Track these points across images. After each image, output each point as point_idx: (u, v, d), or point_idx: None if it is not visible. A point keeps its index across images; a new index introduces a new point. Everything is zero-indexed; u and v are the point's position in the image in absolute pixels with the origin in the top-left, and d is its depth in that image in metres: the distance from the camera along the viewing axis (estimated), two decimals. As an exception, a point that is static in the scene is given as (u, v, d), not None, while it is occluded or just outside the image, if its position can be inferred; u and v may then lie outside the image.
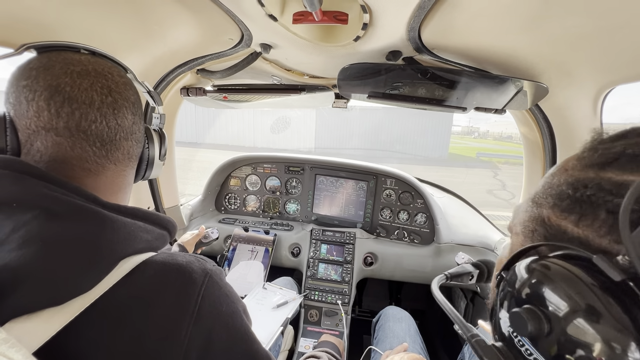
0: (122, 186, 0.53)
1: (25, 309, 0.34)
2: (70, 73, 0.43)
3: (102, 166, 0.47)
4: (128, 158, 0.52)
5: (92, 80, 0.45)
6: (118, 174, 0.51)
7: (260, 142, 17.01)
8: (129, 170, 0.54)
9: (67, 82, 0.43)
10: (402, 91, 0.95)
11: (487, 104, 0.97)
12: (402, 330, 1.17)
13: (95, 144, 0.45)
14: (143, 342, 0.39)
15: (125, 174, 0.53)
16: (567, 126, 0.96)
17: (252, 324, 0.54)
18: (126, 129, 0.49)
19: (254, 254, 1.58)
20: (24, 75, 0.43)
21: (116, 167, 0.50)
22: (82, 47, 0.48)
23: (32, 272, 0.35)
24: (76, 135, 0.44)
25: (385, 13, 0.63)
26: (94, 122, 0.44)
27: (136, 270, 0.42)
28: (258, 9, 0.64)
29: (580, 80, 0.79)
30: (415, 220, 1.67)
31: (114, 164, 0.49)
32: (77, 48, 0.48)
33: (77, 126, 0.43)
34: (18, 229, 0.36)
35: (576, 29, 0.60)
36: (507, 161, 17.28)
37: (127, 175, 0.54)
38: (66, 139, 0.43)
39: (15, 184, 0.38)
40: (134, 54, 0.90)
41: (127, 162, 0.52)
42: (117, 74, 0.49)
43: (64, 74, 0.43)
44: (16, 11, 0.63)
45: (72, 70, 0.44)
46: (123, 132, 0.49)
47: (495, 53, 0.76)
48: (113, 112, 0.47)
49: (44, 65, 0.43)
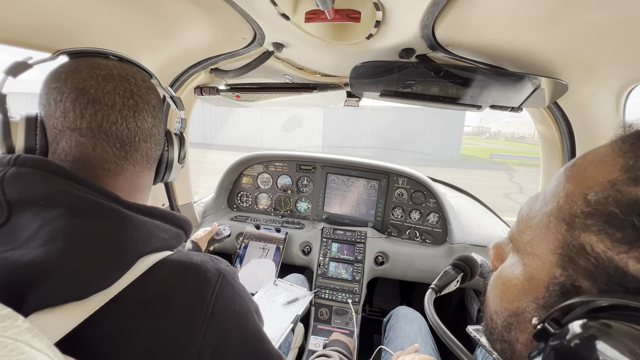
0: (140, 187, 0.54)
1: (48, 302, 0.35)
2: (95, 77, 0.46)
3: (121, 167, 0.49)
4: (147, 160, 0.53)
5: (115, 84, 0.47)
6: (137, 174, 0.52)
7: (267, 143, 17.06)
8: (147, 172, 0.55)
9: (92, 84, 0.45)
10: (415, 89, 0.94)
11: (503, 102, 0.94)
12: (413, 331, 1.16)
13: (115, 144, 0.47)
14: (159, 338, 0.40)
15: (143, 175, 0.54)
16: (588, 125, 0.92)
17: (264, 324, 0.55)
18: (145, 131, 0.51)
19: (265, 252, 1.60)
20: (54, 78, 0.45)
21: (135, 168, 0.51)
22: (110, 53, 0.50)
23: (57, 268, 0.36)
24: (98, 135, 0.46)
25: (399, 10, 0.62)
26: (114, 124, 0.46)
27: (154, 268, 0.43)
28: (271, 8, 0.64)
29: (602, 77, 0.76)
30: (427, 219, 1.65)
31: (132, 165, 0.50)
32: (106, 54, 0.50)
33: (99, 127, 0.45)
34: (45, 225, 0.38)
35: (597, 24, 0.58)
36: (522, 162, 16.74)
37: (146, 177, 0.55)
38: (89, 139, 0.45)
39: (42, 183, 0.40)
40: (150, 54, 0.92)
41: (146, 164, 0.53)
42: (141, 78, 0.51)
43: (89, 77, 0.45)
44: (38, 13, 0.65)
45: (97, 74, 0.46)
46: (142, 134, 0.50)
47: (512, 49, 0.74)
48: (133, 114, 0.48)
49: (73, 69, 0.46)
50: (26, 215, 0.39)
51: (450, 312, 1.92)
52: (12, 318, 0.29)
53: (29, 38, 0.70)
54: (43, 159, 0.42)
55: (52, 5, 0.64)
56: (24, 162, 0.41)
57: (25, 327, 0.29)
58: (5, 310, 0.29)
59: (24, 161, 0.41)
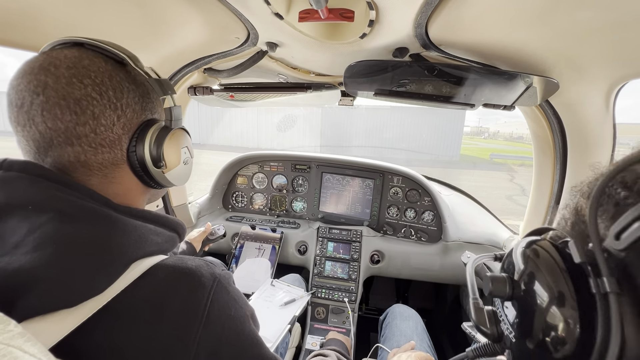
0: (135, 192, 0.52)
1: (38, 310, 0.35)
2: (23, 73, 0.42)
3: (113, 172, 0.47)
4: (84, 166, 0.46)
5: (29, 79, 0.41)
6: (130, 178, 0.50)
7: (264, 143, 16.93)
8: (109, 180, 0.48)
9: (13, 84, 0.42)
10: (409, 88, 0.94)
11: (495, 100, 0.95)
12: (409, 328, 1.17)
13: (32, 149, 0.43)
14: (153, 344, 0.39)
15: (137, 179, 0.51)
16: (579, 122, 0.94)
17: (259, 328, 0.55)
18: (61, 133, 0.43)
19: (261, 252, 1.59)
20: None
21: (130, 174, 0.49)
22: (84, 42, 0.45)
23: (46, 275, 0.35)
24: (20, 140, 0.43)
25: (392, 10, 0.63)
26: (24, 126, 0.42)
27: (147, 273, 0.42)
28: (264, 7, 0.64)
29: (592, 75, 0.77)
30: (422, 218, 1.66)
31: (67, 174, 0.44)
32: (81, 42, 0.45)
33: (16, 130, 0.43)
34: (33, 231, 0.37)
35: (586, 23, 0.59)
36: (523, 163, 16.63)
37: (112, 185, 0.49)
38: (20, 144, 0.43)
39: (31, 187, 0.39)
40: (143, 53, 0.91)
41: (94, 171, 0.47)
42: (66, 66, 0.43)
43: (19, 75, 0.42)
44: (29, 12, 0.64)
45: (25, 69, 0.42)
46: (60, 136, 0.43)
47: (504, 48, 0.75)
48: (41, 113, 0.41)
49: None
50: (13, 221, 0.38)
51: (445, 309, 1.93)
52: (4, 323, 0.28)
53: (18, 37, 0.69)
54: (30, 162, 0.41)
55: (42, 4, 0.64)
56: (10, 165, 0.40)
57: (17, 332, 0.28)
58: None
59: (11, 165, 0.40)
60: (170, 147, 0.51)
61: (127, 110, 0.46)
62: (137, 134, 0.48)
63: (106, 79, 0.44)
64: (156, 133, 0.49)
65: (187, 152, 0.57)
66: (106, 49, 0.46)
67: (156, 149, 0.48)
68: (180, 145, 0.54)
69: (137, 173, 0.49)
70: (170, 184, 0.54)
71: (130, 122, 0.47)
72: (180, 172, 0.55)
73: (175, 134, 0.53)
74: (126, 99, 0.46)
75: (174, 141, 0.52)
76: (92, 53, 0.45)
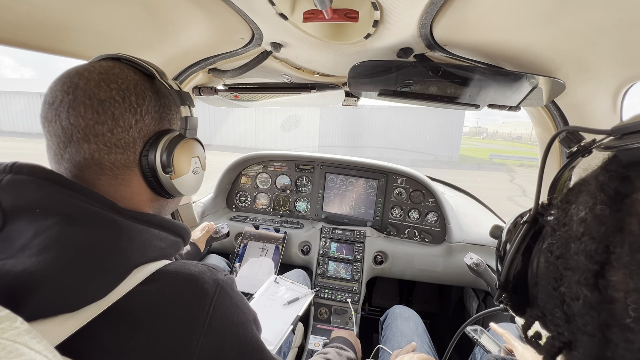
0: (143, 197, 0.51)
1: (39, 314, 0.35)
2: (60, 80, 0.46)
3: (123, 173, 0.48)
4: (96, 164, 0.46)
5: (64, 80, 0.45)
6: (139, 183, 0.50)
7: (262, 143, 16.86)
8: (119, 180, 0.48)
9: (51, 86, 0.45)
10: (413, 89, 0.94)
11: (501, 101, 0.95)
12: (409, 329, 1.17)
13: (54, 144, 0.45)
14: (155, 350, 0.40)
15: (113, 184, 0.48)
16: (585, 123, 0.93)
17: (262, 331, 0.55)
18: (81, 129, 0.44)
19: (264, 252, 1.59)
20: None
21: (82, 174, 0.46)
22: (121, 57, 0.50)
23: (48, 279, 0.35)
24: (48, 137, 0.45)
25: (397, 10, 0.62)
26: (51, 122, 0.44)
27: (150, 279, 0.43)
28: (269, 8, 0.64)
29: (599, 76, 0.76)
30: (426, 219, 1.65)
31: (79, 170, 0.45)
32: (118, 58, 0.49)
33: (43, 125, 0.45)
34: (39, 234, 0.37)
35: (594, 23, 0.58)
36: (522, 163, 16.47)
37: (121, 186, 0.49)
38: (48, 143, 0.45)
39: (38, 191, 0.40)
40: (148, 54, 0.91)
41: (105, 170, 0.47)
42: (98, 72, 0.47)
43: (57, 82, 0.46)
44: (34, 13, 0.65)
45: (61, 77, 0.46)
46: (79, 133, 0.44)
47: (510, 49, 0.74)
48: (67, 110, 0.44)
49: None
50: (21, 224, 0.38)
51: (449, 310, 1.92)
52: (11, 319, 0.29)
53: (25, 38, 0.70)
54: (40, 166, 0.42)
55: (49, 5, 0.64)
56: (20, 169, 0.41)
57: (24, 329, 0.29)
58: (4, 312, 0.29)
59: (20, 168, 0.41)
60: (180, 154, 0.51)
61: (146, 116, 0.48)
62: (152, 140, 0.49)
63: (131, 86, 0.46)
64: (169, 140, 0.50)
65: (197, 162, 0.57)
66: (138, 63, 0.49)
67: (167, 155, 0.49)
68: (192, 154, 0.55)
69: (147, 177, 0.50)
70: (178, 193, 0.54)
71: (147, 128, 0.48)
72: (188, 180, 0.55)
73: (187, 143, 0.53)
74: (147, 106, 0.48)
75: (186, 149, 0.53)
76: (125, 65, 0.48)
